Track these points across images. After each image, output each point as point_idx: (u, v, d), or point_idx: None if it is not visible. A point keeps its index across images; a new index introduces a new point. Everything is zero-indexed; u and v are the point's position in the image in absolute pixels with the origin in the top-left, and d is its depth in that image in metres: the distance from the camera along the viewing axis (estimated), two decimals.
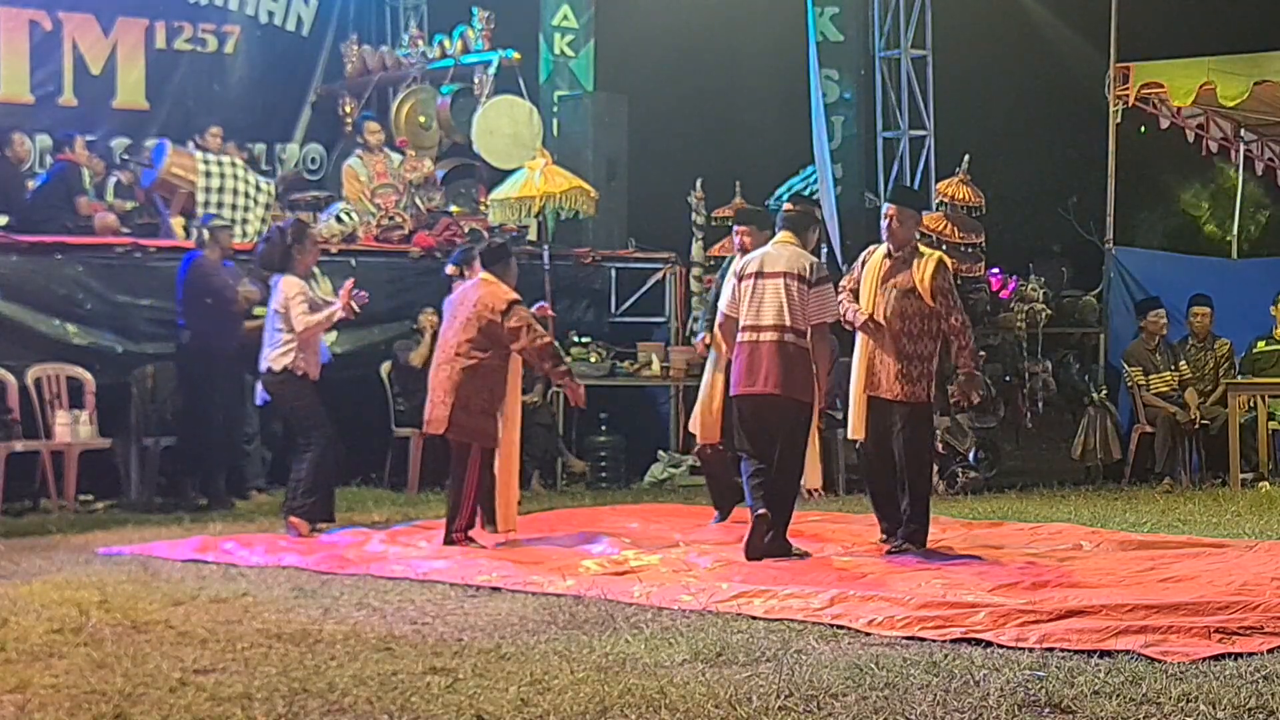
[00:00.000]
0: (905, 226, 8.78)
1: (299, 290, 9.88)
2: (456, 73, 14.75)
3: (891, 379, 8.62)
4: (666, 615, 6.90)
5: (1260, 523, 9.97)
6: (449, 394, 9.21)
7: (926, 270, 8.64)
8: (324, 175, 15.49)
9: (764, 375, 8.59)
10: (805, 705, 5.19)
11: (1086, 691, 5.29)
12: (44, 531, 10.10)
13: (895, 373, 8.60)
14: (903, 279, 8.66)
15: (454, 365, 9.26)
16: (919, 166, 15.25)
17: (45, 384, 11.29)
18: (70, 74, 14.37)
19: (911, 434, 8.66)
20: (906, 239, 8.78)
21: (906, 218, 8.82)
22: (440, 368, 9.38)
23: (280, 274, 10.01)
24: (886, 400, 8.65)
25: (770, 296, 8.64)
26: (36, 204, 12.51)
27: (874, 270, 8.75)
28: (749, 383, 8.67)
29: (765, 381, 8.57)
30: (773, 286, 8.65)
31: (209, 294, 11.41)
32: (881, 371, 8.66)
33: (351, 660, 5.97)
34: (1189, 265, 14.87)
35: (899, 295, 8.65)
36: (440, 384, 9.32)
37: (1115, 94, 13.84)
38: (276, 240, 10.21)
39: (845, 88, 15.14)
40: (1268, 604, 6.55)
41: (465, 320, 9.29)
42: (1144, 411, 12.87)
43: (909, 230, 8.83)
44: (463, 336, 9.27)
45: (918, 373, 8.63)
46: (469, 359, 9.22)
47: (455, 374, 9.23)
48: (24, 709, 5.28)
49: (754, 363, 8.65)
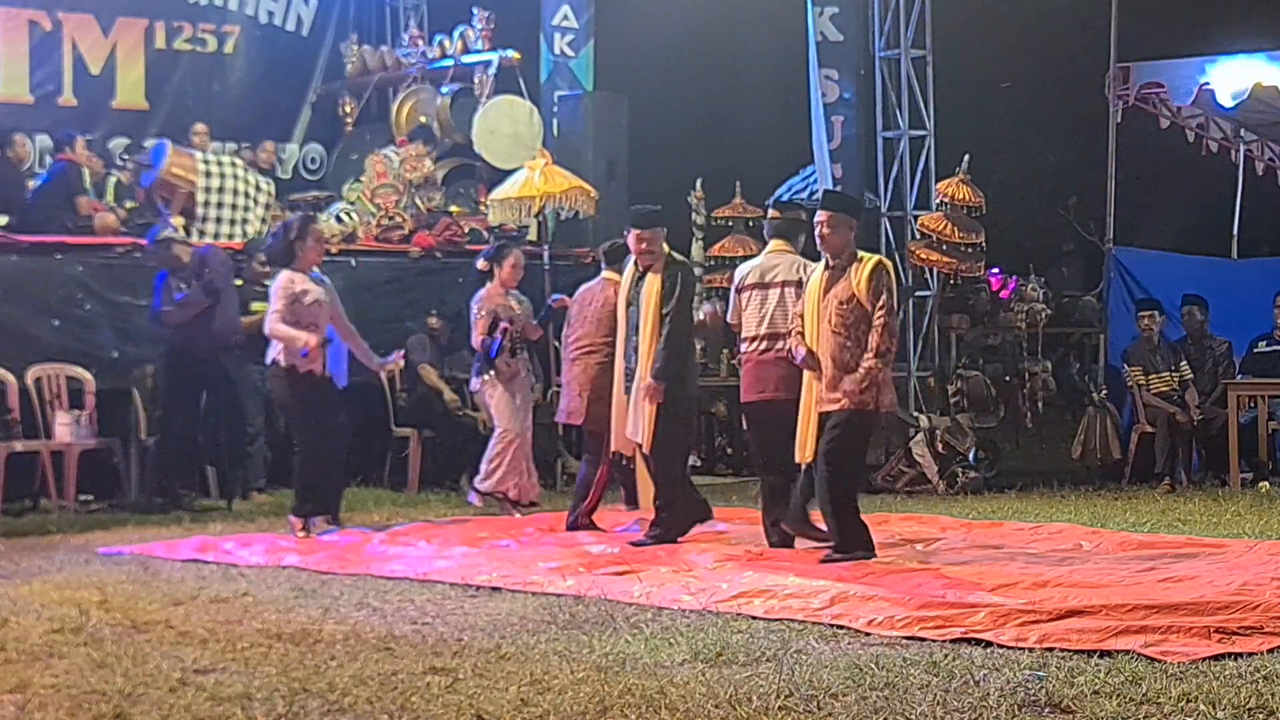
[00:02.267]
0: (838, 233, 8.35)
1: (285, 286, 9.83)
2: (456, 73, 14.75)
3: (830, 389, 8.25)
4: (666, 615, 6.90)
5: (1260, 523, 9.97)
6: (585, 387, 9.93)
7: (864, 274, 8.25)
8: (324, 175, 15.49)
9: (775, 382, 8.73)
10: (805, 705, 5.19)
11: (1086, 691, 5.29)
12: (44, 531, 10.11)
13: (833, 382, 8.23)
14: (841, 288, 8.28)
15: (589, 360, 9.98)
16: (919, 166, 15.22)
17: (45, 384, 11.29)
18: (70, 74, 14.38)
19: (839, 439, 8.21)
20: (841, 246, 8.36)
21: (839, 224, 8.37)
22: (574, 363, 10.10)
23: (284, 268, 9.99)
24: (830, 411, 8.28)
25: (775, 306, 8.80)
26: (36, 204, 12.51)
27: (815, 288, 8.37)
28: (760, 389, 8.83)
29: (778, 388, 8.72)
30: (775, 296, 8.81)
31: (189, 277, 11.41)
32: (820, 387, 8.31)
33: (351, 660, 5.97)
34: (1189, 265, 14.85)
35: (838, 305, 8.26)
36: (575, 378, 10.05)
37: (1115, 94, 13.83)
38: (282, 235, 10.18)
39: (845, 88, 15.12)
40: (1268, 604, 6.54)
41: (596, 318, 10.00)
42: (1144, 411, 12.86)
43: (843, 237, 8.37)
44: (595, 333, 9.95)
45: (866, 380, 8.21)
46: (603, 354, 9.85)
47: (590, 368, 9.94)
48: (24, 709, 5.28)
49: (763, 371, 8.82)
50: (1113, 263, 14.10)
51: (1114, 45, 13.91)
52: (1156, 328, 13.01)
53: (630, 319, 9.26)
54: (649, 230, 9.18)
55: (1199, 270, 14.60)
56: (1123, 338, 13.60)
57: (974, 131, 17.45)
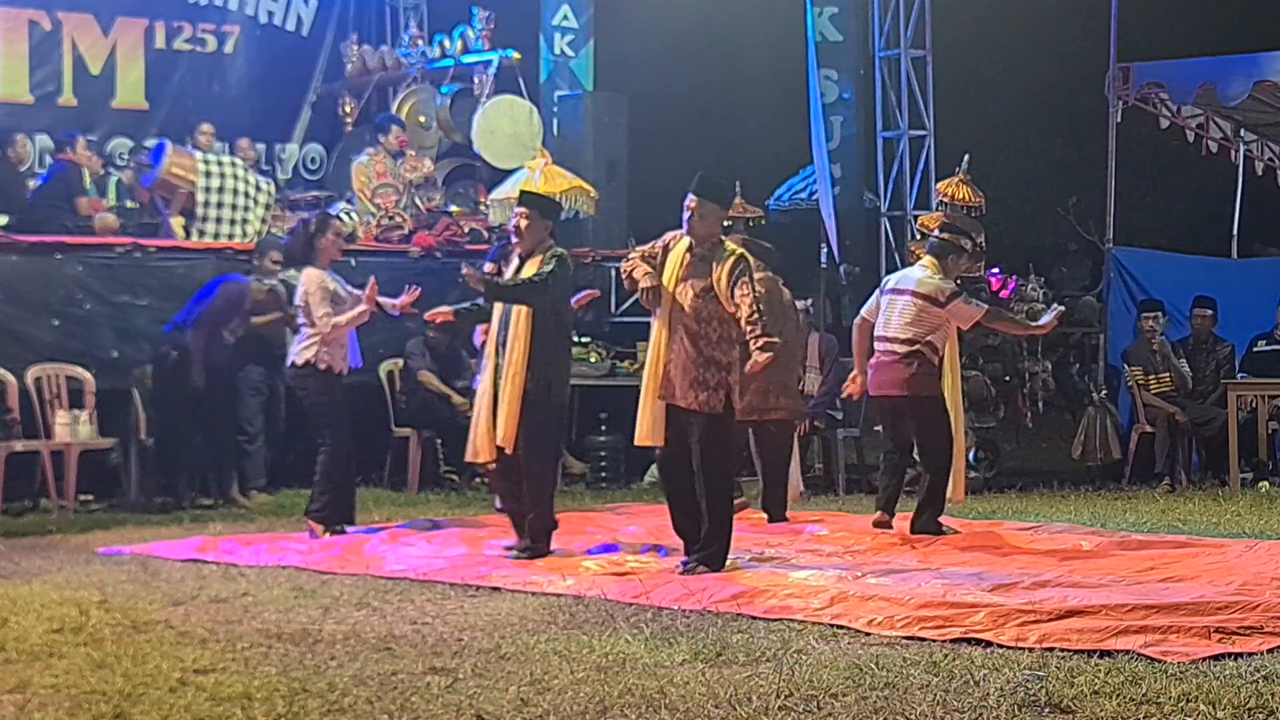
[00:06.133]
0: (705, 221, 8.07)
1: (318, 284, 9.80)
2: (456, 73, 14.75)
3: (686, 386, 7.97)
4: (666, 615, 6.90)
5: (1260, 523, 9.98)
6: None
7: (724, 269, 7.97)
8: (324, 175, 15.50)
9: (897, 382, 9.52)
10: (805, 705, 5.20)
11: (1086, 691, 5.29)
12: (44, 531, 10.10)
13: (691, 379, 7.96)
14: (700, 280, 8.00)
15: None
16: (919, 166, 15.25)
17: (45, 384, 11.29)
18: (70, 74, 14.38)
19: (708, 448, 7.99)
20: (707, 234, 8.08)
21: (708, 212, 8.09)
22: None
23: (303, 267, 9.97)
24: (682, 409, 8.02)
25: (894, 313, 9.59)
26: (36, 204, 12.51)
27: (675, 261, 8.08)
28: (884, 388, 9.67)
29: (898, 386, 9.55)
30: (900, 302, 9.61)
31: (232, 319, 11.38)
32: (676, 376, 8.00)
33: (351, 660, 5.97)
34: (1189, 265, 14.85)
35: (695, 295, 7.99)
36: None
37: (1115, 94, 13.84)
38: (300, 233, 10.12)
39: (845, 88, 15.14)
40: (1268, 604, 6.55)
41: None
42: (1144, 411, 12.87)
43: (710, 226, 8.09)
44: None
45: (715, 380, 7.96)
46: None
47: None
48: (24, 709, 5.28)
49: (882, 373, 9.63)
50: (1113, 263, 14.11)
51: (1114, 45, 13.92)
52: (1159, 330, 13.01)
53: (504, 312, 8.80)
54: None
55: (1199, 270, 14.60)
56: (1123, 338, 13.60)
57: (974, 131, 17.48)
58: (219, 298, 11.45)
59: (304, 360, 9.79)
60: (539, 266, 8.69)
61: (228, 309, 11.45)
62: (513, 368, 8.61)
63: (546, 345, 8.71)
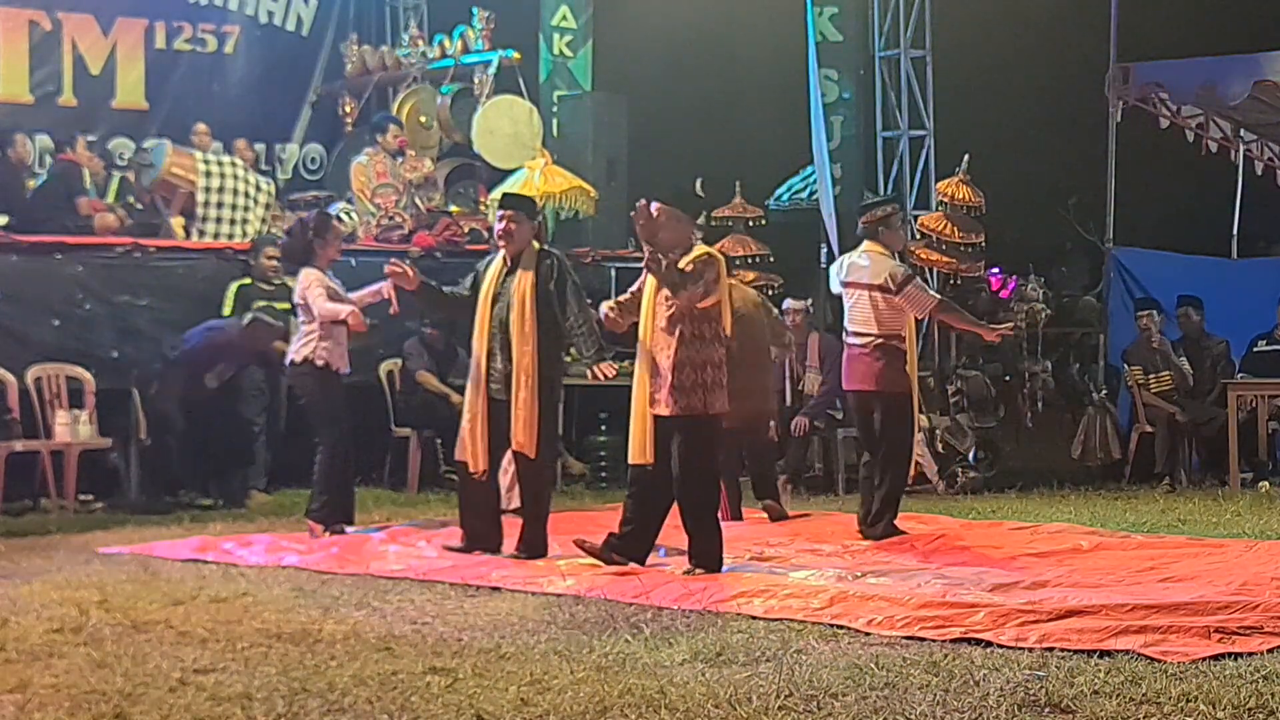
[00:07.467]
0: (669, 231, 8.03)
1: (315, 280, 9.81)
2: (456, 73, 14.75)
3: (666, 393, 7.99)
4: (666, 615, 6.90)
5: (1260, 523, 9.98)
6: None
7: (688, 260, 8.00)
8: (324, 175, 15.49)
9: (860, 376, 9.52)
10: (805, 705, 5.20)
11: (1086, 691, 5.30)
12: (44, 531, 10.09)
13: (670, 385, 7.96)
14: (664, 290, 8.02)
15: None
16: (919, 166, 15.25)
17: (45, 384, 11.28)
18: (70, 74, 14.37)
19: (685, 450, 7.99)
20: (674, 244, 8.03)
21: (670, 221, 8.06)
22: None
23: (301, 267, 9.97)
24: (665, 416, 8.03)
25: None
26: (36, 204, 12.51)
27: (652, 283, 8.09)
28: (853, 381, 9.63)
29: (863, 380, 9.52)
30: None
31: (216, 365, 11.38)
32: (657, 386, 8.03)
33: (351, 660, 5.97)
34: (1189, 265, 14.85)
35: (666, 300, 8.01)
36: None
37: (1115, 94, 13.83)
38: (299, 233, 10.12)
39: (845, 88, 15.13)
40: (1268, 604, 6.55)
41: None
42: (1144, 411, 12.87)
43: (674, 235, 8.06)
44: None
45: (691, 381, 7.95)
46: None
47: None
48: (24, 709, 5.28)
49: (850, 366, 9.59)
50: (1113, 263, 14.11)
51: (1114, 45, 13.92)
52: (1155, 328, 13.01)
53: (496, 315, 8.79)
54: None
55: (1199, 270, 14.60)
56: (1123, 338, 13.61)
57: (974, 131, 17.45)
58: (204, 346, 11.38)
59: (302, 357, 9.80)
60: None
61: (212, 356, 11.40)
62: (524, 372, 8.64)
63: (551, 348, 8.81)
